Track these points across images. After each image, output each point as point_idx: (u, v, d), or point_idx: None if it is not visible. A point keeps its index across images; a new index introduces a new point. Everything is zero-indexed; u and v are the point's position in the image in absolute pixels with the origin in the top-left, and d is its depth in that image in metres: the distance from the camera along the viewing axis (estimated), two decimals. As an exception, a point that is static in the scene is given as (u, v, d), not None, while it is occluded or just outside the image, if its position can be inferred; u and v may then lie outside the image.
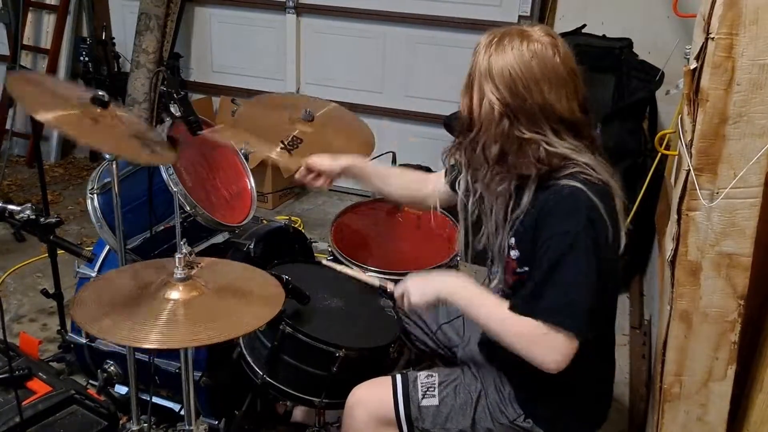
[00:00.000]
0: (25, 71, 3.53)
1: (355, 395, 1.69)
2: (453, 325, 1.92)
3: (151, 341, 1.32)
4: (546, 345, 1.42)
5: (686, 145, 1.61)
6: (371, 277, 1.86)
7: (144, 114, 3.92)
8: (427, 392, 1.64)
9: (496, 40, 1.46)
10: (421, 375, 1.67)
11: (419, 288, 1.60)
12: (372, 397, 1.67)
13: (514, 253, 1.54)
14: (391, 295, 1.73)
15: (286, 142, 2.12)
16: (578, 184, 1.43)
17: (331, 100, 2.41)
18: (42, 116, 1.63)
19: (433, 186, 1.89)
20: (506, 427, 1.61)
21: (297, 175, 1.92)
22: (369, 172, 1.92)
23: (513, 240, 1.54)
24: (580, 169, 1.45)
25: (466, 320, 1.89)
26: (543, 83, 1.42)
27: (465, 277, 1.59)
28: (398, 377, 1.67)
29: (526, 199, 1.49)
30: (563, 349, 1.41)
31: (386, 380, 1.69)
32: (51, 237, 1.84)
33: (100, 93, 1.75)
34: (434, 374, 1.69)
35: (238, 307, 1.47)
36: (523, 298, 1.48)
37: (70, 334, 2.32)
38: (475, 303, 1.54)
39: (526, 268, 1.52)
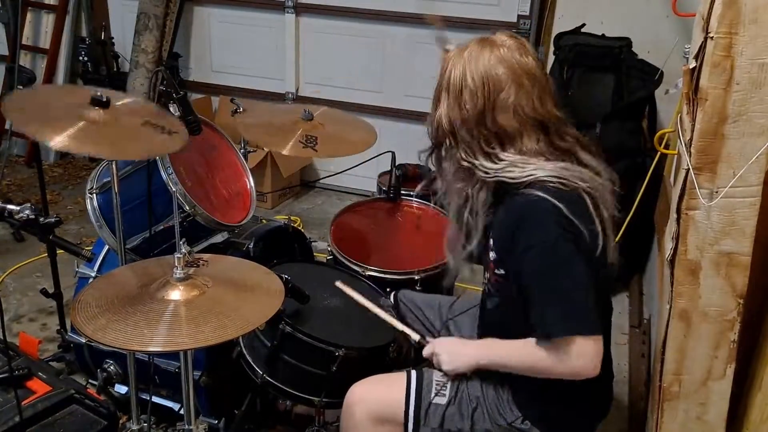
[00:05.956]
0: (18, 91, 3.42)
1: (355, 392, 1.67)
2: (456, 323, 1.91)
3: (155, 344, 1.32)
4: (572, 357, 1.41)
5: (686, 145, 1.61)
6: (395, 321, 1.79)
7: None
8: (440, 390, 1.63)
9: (461, 50, 1.54)
10: (436, 373, 1.66)
11: (452, 363, 1.62)
12: (373, 395, 1.67)
13: (492, 255, 1.55)
14: (417, 346, 1.74)
15: (304, 141, 2.18)
16: (539, 193, 1.43)
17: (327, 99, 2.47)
18: (53, 141, 1.59)
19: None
20: (504, 429, 1.61)
21: None
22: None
23: (491, 242, 1.55)
24: (537, 180, 1.44)
25: (468, 321, 1.89)
26: (512, 86, 1.45)
27: (485, 341, 1.63)
28: (413, 374, 1.65)
29: (486, 199, 1.52)
30: (590, 353, 1.40)
31: (388, 378, 1.69)
32: (50, 237, 1.84)
33: (98, 92, 1.74)
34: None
35: (241, 302, 1.47)
36: (531, 327, 1.47)
37: (69, 333, 2.32)
38: (503, 356, 1.57)
39: (503, 271, 1.53)
